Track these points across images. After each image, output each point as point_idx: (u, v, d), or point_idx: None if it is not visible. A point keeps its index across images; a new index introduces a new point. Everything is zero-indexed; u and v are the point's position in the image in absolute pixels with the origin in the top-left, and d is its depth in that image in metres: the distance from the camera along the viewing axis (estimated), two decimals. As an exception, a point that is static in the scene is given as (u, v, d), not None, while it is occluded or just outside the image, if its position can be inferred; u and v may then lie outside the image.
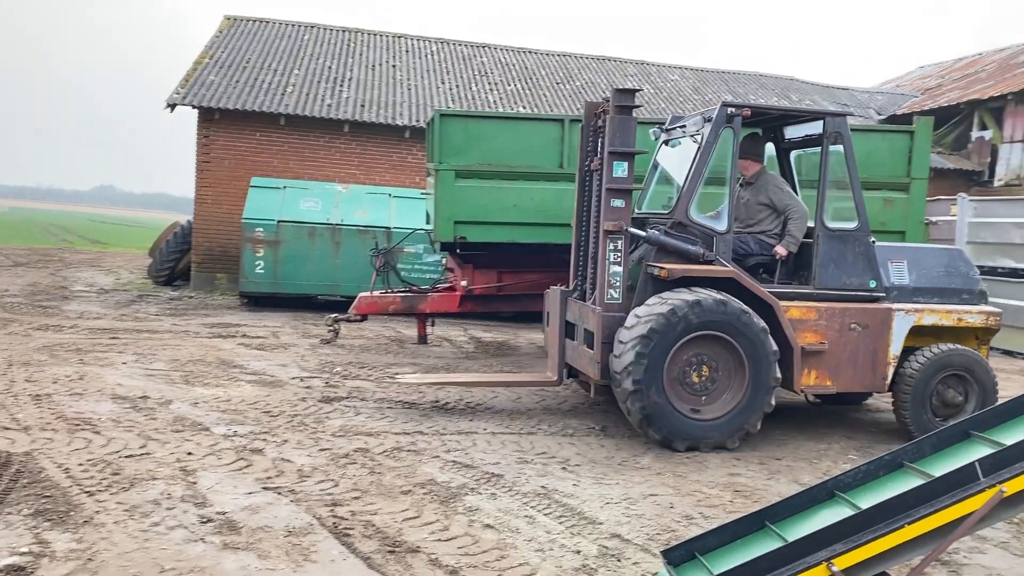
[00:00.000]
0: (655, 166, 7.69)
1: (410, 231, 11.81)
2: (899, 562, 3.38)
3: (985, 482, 3.40)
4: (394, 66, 18.79)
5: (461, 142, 9.17)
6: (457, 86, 18.28)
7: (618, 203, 6.52)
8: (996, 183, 17.60)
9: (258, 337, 10.64)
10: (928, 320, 6.92)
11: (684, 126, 7.03)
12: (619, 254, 6.53)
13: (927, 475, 3.63)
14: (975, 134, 18.84)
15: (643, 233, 6.55)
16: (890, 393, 7.01)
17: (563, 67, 20.23)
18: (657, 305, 6.23)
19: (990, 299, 7.50)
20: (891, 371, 6.85)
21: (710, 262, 6.51)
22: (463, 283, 9.81)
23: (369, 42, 19.83)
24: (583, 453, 6.16)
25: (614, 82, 19.71)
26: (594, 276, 6.84)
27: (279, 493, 4.94)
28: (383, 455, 5.80)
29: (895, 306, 6.87)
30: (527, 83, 18.97)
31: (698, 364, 6.35)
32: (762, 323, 6.34)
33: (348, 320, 10.23)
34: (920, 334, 6.95)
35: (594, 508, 4.95)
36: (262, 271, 13.17)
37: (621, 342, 6.26)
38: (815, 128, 7.15)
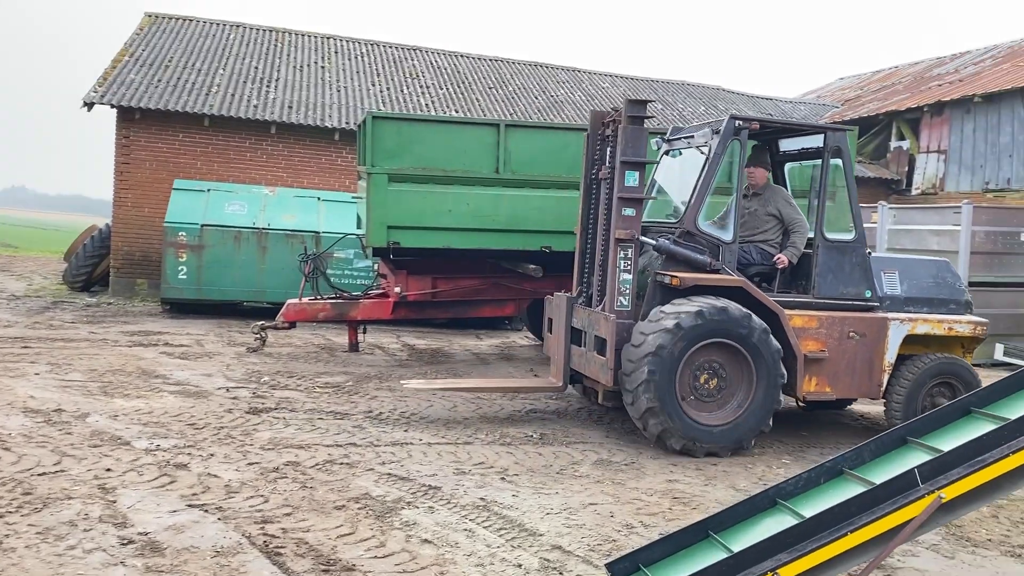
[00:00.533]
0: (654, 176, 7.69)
1: (341, 236, 11.56)
2: (842, 570, 3.38)
3: (924, 488, 3.43)
4: (323, 67, 18.45)
5: (394, 145, 9.01)
6: (388, 88, 18.05)
7: (629, 212, 6.61)
8: (913, 191, 18.24)
9: (181, 346, 10.25)
10: (921, 329, 7.14)
11: (691, 137, 7.16)
12: (629, 262, 6.63)
13: (867, 482, 3.65)
14: (893, 144, 19.51)
15: (653, 242, 6.65)
16: (883, 400, 7.22)
17: (495, 72, 20.19)
18: (663, 319, 6.32)
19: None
20: (886, 378, 7.05)
21: (716, 271, 6.63)
22: (396, 289, 9.65)
23: (297, 43, 19.43)
24: (521, 462, 6.07)
25: (545, 88, 19.77)
26: (601, 283, 6.93)
27: (205, 511, 4.71)
28: (315, 468, 5.60)
29: (890, 315, 7.08)
30: (459, 87, 18.86)
31: (707, 371, 6.47)
32: (763, 324, 6.47)
33: (275, 328, 9.96)
34: (912, 343, 7.17)
35: (534, 519, 4.86)
36: (185, 277, 12.72)
37: (631, 360, 6.33)
38: (811, 142, 7.36)
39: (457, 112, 17.27)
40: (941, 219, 12.93)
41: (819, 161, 7.11)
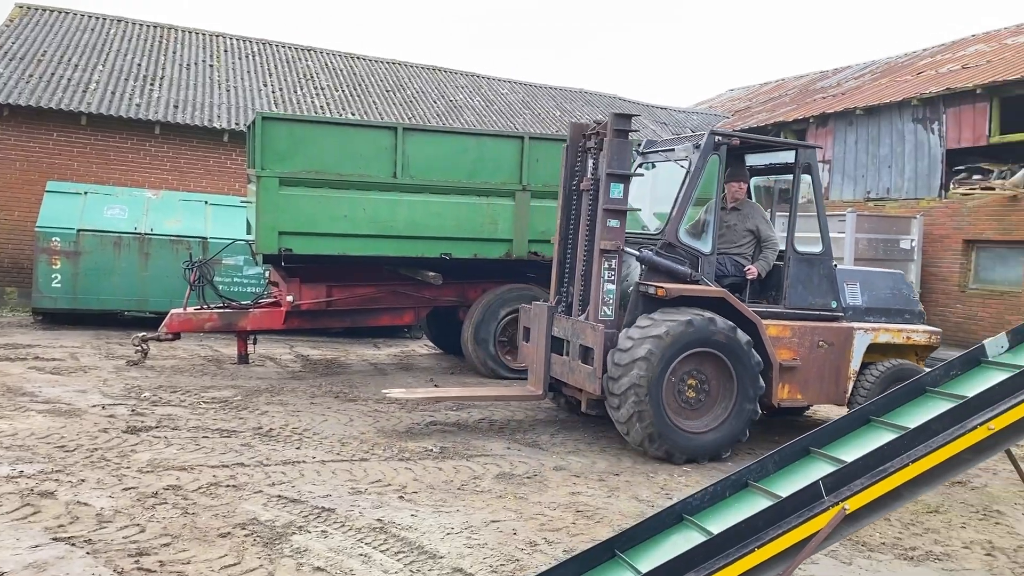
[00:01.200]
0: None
1: (229, 242, 11.04)
2: (750, 586, 3.31)
3: (828, 500, 3.41)
4: (212, 66, 17.69)
5: (286, 147, 8.64)
6: (281, 89, 17.47)
7: (614, 223, 6.70)
8: (800, 199, 18.86)
9: (53, 359, 9.53)
10: (883, 338, 7.47)
11: (669, 150, 7.36)
12: (613, 272, 6.75)
13: (773, 495, 3.61)
14: (781, 154, 20.13)
15: (637, 253, 6.81)
16: (847, 406, 7.40)
17: (393, 75, 19.85)
18: (651, 327, 6.44)
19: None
20: (851, 385, 7.32)
21: (696, 281, 6.79)
22: (289, 298, 9.24)
23: (184, 40, 18.58)
24: (420, 478, 5.83)
25: (444, 92, 19.57)
26: (583, 293, 7.04)
27: (73, 544, 4.29)
28: (198, 492, 5.22)
29: (855, 325, 7.38)
30: (356, 89, 18.43)
31: (690, 380, 6.63)
32: (747, 337, 6.68)
33: (158, 339, 9.40)
34: (873, 351, 7.46)
35: (434, 540, 4.64)
36: (59, 285, 11.88)
37: (618, 365, 6.42)
38: (777, 158, 7.71)
39: (354, 115, 16.86)
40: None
41: (784, 176, 7.46)
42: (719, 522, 3.57)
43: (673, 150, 7.28)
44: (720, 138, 6.96)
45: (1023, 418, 3.58)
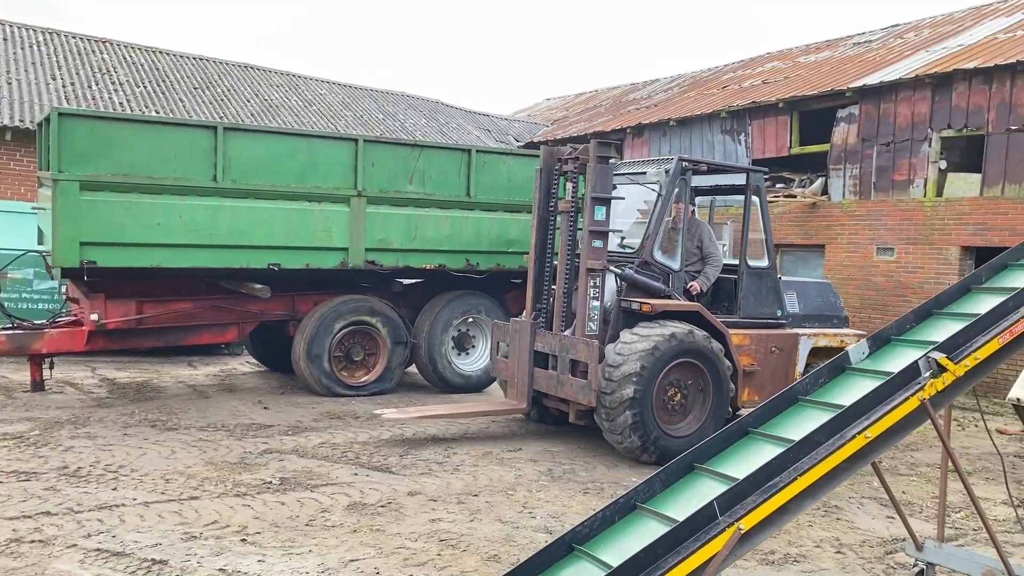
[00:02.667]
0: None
1: (19, 253, 9.74)
2: (651, 620, 3.13)
3: (724, 521, 3.28)
4: (-12, 55, 15.74)
5: (88, 147, 7.70)
6: (73, 84, 15.81)
7: (598, 244, 7.09)
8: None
9: None
10: (823, 343, 8.19)
11: (639, 173, 7.85)
12: (598, 290, 7.14)
13: (663, 516, 3.46)
14: (599, 162, 20.69)
15: (620, 272, 7.26)
16: None
17: (201, 71, 18.54)
18: (638, 342, 6.89)
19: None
20: None
21: (668, 296, 7.32)
22: (93, 316, 8.24)
23: (-47, 24, 16.42)
24: (262, 516, 5.27)
25: (258, 91, 18.53)
26: (565, 309, 7.49)
27: None
28: (-6, 553, 4.42)
29: (800, 331, 8.07)
30: (159, 86, 17.03)
31: (673, 388, 7.12)
32: (719, 344, 7.28)
33: (-68, 367, 8.08)
34: (813, 355, 8.10)
35: (289, 589, 4.15)
36: None
37: (611, 380, 6.80)
38: (726, 179, 8.48)
39: (159, 113, 15.54)
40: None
41: (730, 197, 8.36)
42: (612, 550, 3.37)
43: (644, 173, 7.82)
44: (687, 163, 7.57)
45: (894, 426, 3.64)
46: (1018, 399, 8.34)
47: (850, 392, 3.96)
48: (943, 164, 12.74)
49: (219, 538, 4.82)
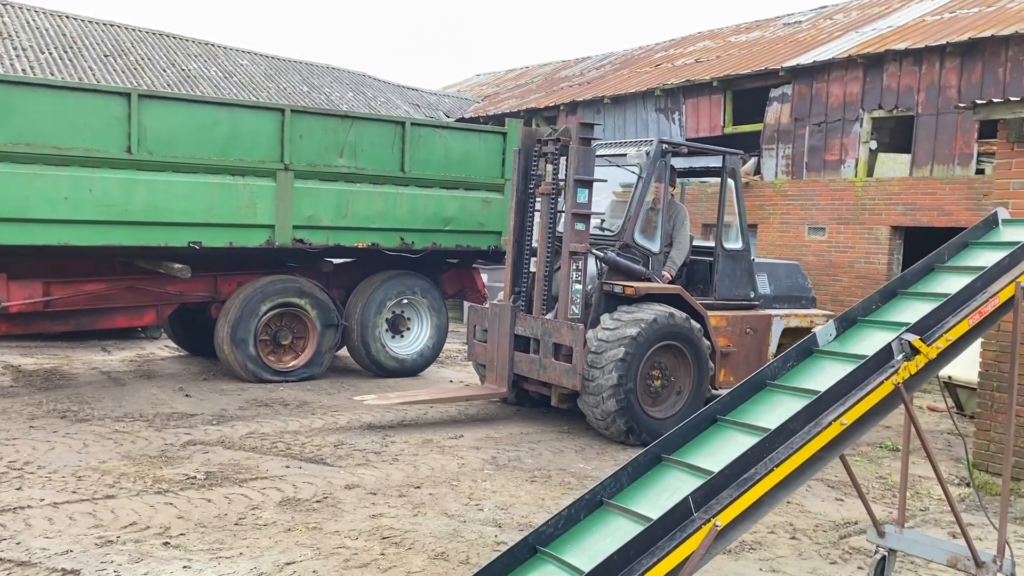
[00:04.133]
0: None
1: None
2: (625, 628, 2.88)
3: (699, 518, 3.05)
4: None
5: (-16, 114, 6.99)
6: (-30, 48, 14.69)
7: (580, 227, 6.99)
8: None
9: None
10: (794, 323, 8.28)
11: (618, 155, 7.74)
12: (580, 273, 7.07)
13: (632, 513, 3.22)
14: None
15: (602, 255, 7.17)
16: None
17: (112, 38, 17.48)
18: (622, 328, 6.84)
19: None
20: None
21: (648, 279, 7.29)
22: (-7, 299, 7.56)
23: None
24: (186, 515, 4.85)
25: (175, 60, 17.58)
26: (546, 292, 7.37)
27: None
28: None
29: (772, 312, 8.13)
30: (66, 52, 15.97)
31: (655, 370, 7.11)
32: (699, 325, 7.26)
33: None
34: (785, 335, 8.16)
35: (218, 599, 3.77)
36: None
37: (595, 367, 6.77)
38: (699, 162, 8.57)
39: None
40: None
41: (704, 179, 8.29)
42: (580, 552, 3.12)
43: (624, 155, 7.72)
44: (667, 145, 7.50)
45: (867, 412, 3.47)
46: (949, 377, 8.45)
47: (819, 376, 3.78)
48: (874, 144, 12.88)
49: (138, 542, 4.38)
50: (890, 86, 12.56)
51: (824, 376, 3.72)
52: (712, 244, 8.00)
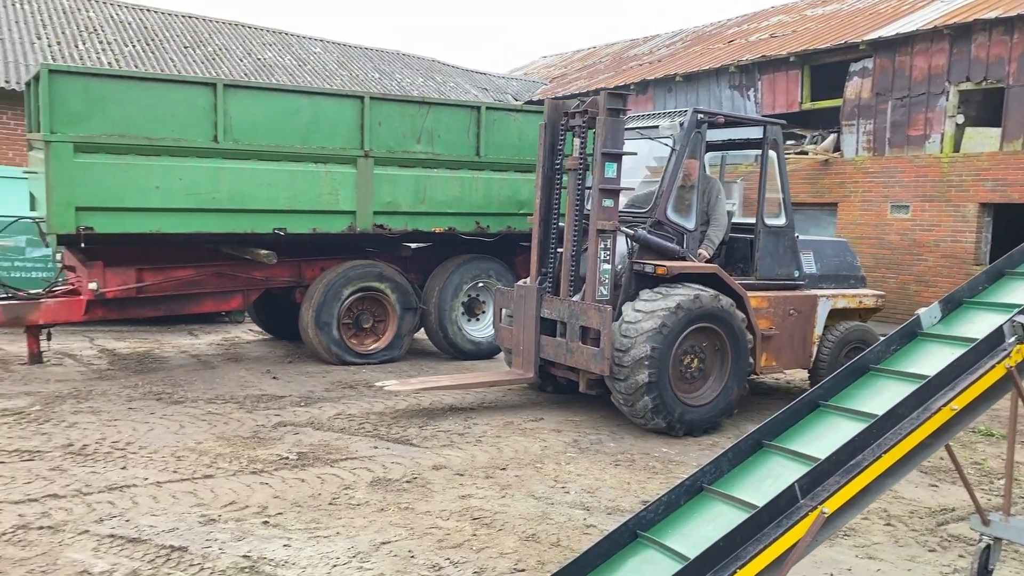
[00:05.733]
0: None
1: (10, 220, 9.33)
2: (731, 614, 2.86)
3: (806, 505, 3.00)
4: (-31, 14, 15.13)
5: (81, 107, 7.28)
6: (59, 43, 15.23)
7: (609, 203, 6.67)
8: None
9: None
10: (841, 304, 7.92)
11: (651, 127, 7.30)
12: (609, 252, 6.73)
13: (738, 501, 3.18)
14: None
15: (632, 232, 6.78)
16: (811, 370, 7.88)
17: (191, 30, 17.94)
18: (660, 300, 6.52)
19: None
20: (815, 350, 7.73)
21: (683, 258, 6.91)
22: (91, 285, 7.88)
23: (-70, -18, 15.77)
24: (282, 495, 4.99)
25: (250, 50, 17.95)
26: (573, 273, 7.04)
27: None
28: (2, 541, 4.12)
29: (818, 292, 7.75)
30: (148, 44, 16.47)
31: (690, 354, 6.72)
32: (741, 313, 6.91)
33: (-76, 340, 7.74)
34: (831, 316, 7.86)
35: (320, 577, 3.88)
36: None
37: (627, 337, 6.42)
38: (737, 133, 8.00)
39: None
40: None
41: (744, 152, 8.03)
42: (682, 538, 3.10)
43: (656, 127, 7.29)
44: (703, 116, 7.07)
45: (978, 397, 3.36)
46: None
47: (925, 360, 3.67)
48: (960, 118, 12.38)
49: (239, 520, 4.53)
50: (979, 57, 12.04)
51: (930, 360, 3.61)
52: (753, 220, 7.54)
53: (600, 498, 5.14)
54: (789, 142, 14.94)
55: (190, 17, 18.63)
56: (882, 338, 3.91)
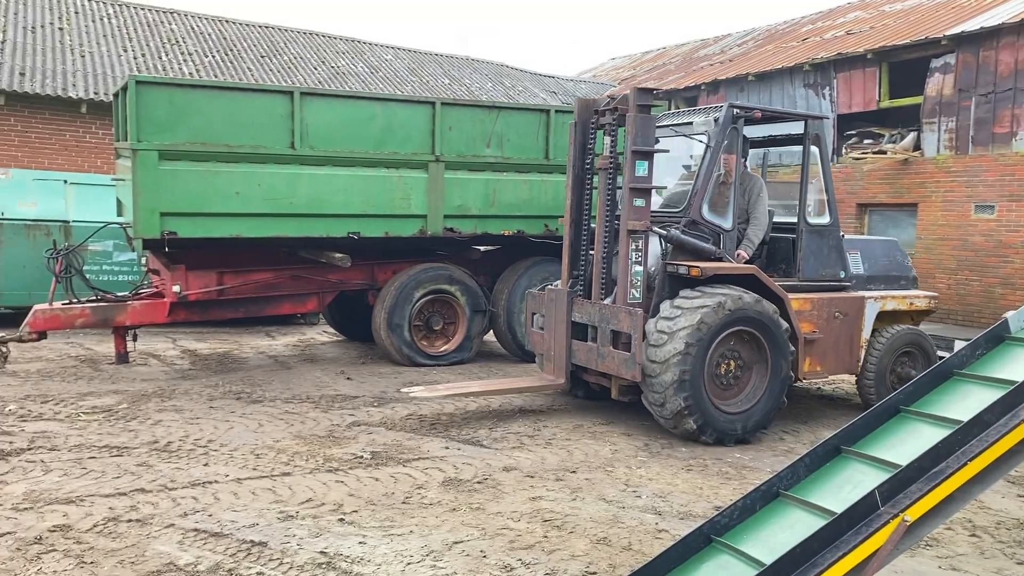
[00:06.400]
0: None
1: (100, 225, 9.75)
2: (809, 622, 2.81)
3: (886, 512, 2.94)
4: (61, 29, 15.85)
5: (165, 116, 7.56)
6: (143, 55, 15.84)
7: (640, 203, 6.46)
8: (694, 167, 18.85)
9: None
10: (890, 306, 7.61)
11: (685, 124, 7.10)
12: (640, 253, 6.53)
13: (815, 507, 3.13)
14: (670, 122, 20.04)
15: (665, 232, 6.58)
16: (854, 376, 7.66)
17: (267, 39, 18.44)
18: (683, 316, 6.24)
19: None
20: (863, 354, 7.44)
21: (720, 258, 6.69)
22: (175, 288, 8.17)
23: (26, 0, 16.56)
24: (357, 493, 5.09)
25: (325, 58, 18.35)
26: (604, 275, 6.84)
27: (-66, 621, 3.35)
28: (94, 532, 4.31)
29: (865, 294, 7.46)
30: (227, 55, 16.98)
31: (727, 360, 6.48)
32: (775, 308, 6.61)
33: (20, 340, 8.16)
34: (880, 319, 7.56)
35: (395, 574, 3.94)
36: None
37: (656, 362, 6.19)
38: (778, 129, 7.66)
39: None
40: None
41: (785, 148, 7.53)
42: (757, 544, 3.07)
43: (691, 124, 7.06)
44: (739, 110, 6.85)
45: (1070, 403, 3.23)
46: None
47: (1013, 365, 3.56)
48: (1051, 115, 11.88)
49: (316, 517, 4.64)
50: (1071, 50, 11.53)
51: (1018, 365, 3.50)
52: (796, 220, 7.18)
53: (672, 503, 5.10)
54: (867, 141, 14.56)
55: (267, 27, 19.15)
56: (965, 342, 3.80)
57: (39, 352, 9.19)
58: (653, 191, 6.64)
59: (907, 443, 3.30)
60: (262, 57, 17.38)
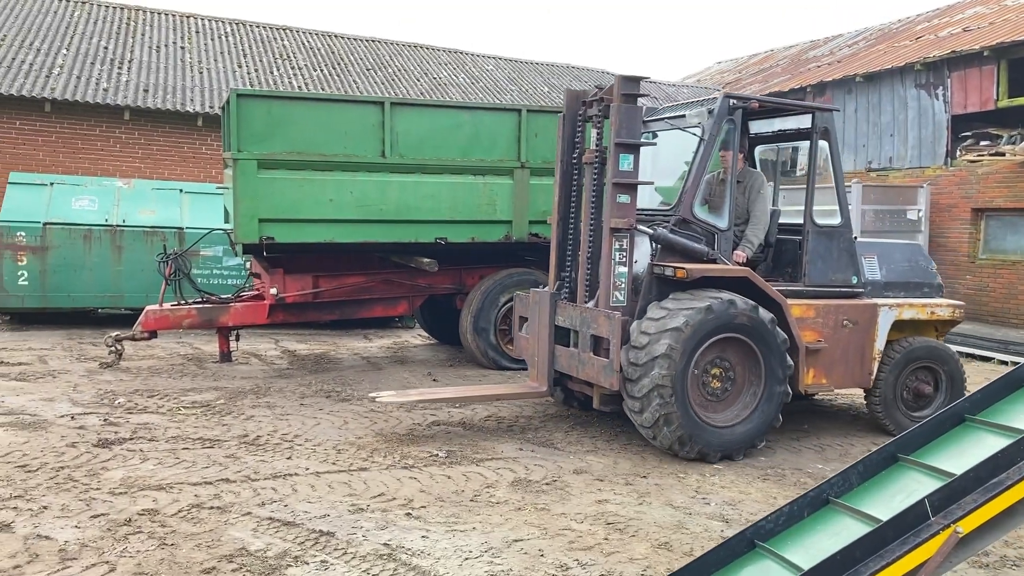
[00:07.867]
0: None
1: (207, 231, 10.32)
2: (849, 632, 2.74)
3: (937, 522, 2.82)
4: (183, 48, 16.87)
5: (264, 127, 7.96)
6: (256, 70, 16.67)
7: (624, 199, 6.04)
8: (798, 172, 18.33)
9: (19, 364, 8.83)
10: (907, 315, 6.98)
11: (678, 117, 6.70)
12: (624, 253, 6.11)
13: (861, 514, 3.04)
14: (775, 126, 19.55)
15: (651, 231, 6.18)
16: (871, 389, 6.97)
17: (373, 53, 19.07)
18: (667, 318, 5.83)
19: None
20: (876, 366, 6.83)
21: (714, 260, 6.25)
22: (272, 291, 8.58)
23: (152, 21, 17.72)
24: (428, 489, 5.23)
25: (427, 70, 18.82)
26: (589, 277, 6.46)
27: (30, 590, 3.66)
28: (178, 517, 4.60)
29: (879, 302, 6.86)
30: (335, 68, 17.66)
31: (714, 369, 6.06)
32: (770, 315, 6.12)
33: (133, 338, 8.73)
34: (896, 328, 6.98)
35: (451, 568, 4.04)
36: (26, 283, 11.14)
37: (636, 365, 5.82)
38: (787, 123, 7.19)
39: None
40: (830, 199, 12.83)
41: (795, 144, 7.09)
42: (801, 550, 3.00)
43: (683, 116, 6.68)
44: (735, 101, 6.36)
45: None
46: None
47: (1095, 375, 3.34)
48: None
49: (385, 511, 4.80)
50: None
51: (1099, 374, 3.28)
52: (802, 221, 6.69)
53: (742, 511, 5.01)
54: (983, 143, 13.81)
55: (372, 41, 19.80)
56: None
57: (152, 351, 9.82)
58: (651, 188, 6.32)
59: (969, 453, 3.15)
60: (367, 70, 17.98)
